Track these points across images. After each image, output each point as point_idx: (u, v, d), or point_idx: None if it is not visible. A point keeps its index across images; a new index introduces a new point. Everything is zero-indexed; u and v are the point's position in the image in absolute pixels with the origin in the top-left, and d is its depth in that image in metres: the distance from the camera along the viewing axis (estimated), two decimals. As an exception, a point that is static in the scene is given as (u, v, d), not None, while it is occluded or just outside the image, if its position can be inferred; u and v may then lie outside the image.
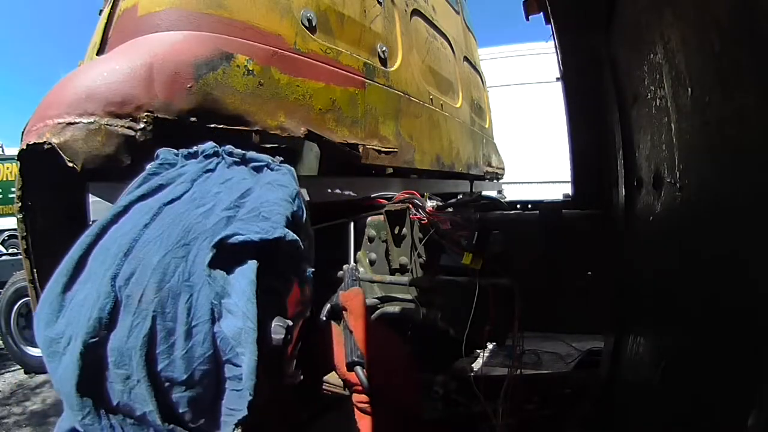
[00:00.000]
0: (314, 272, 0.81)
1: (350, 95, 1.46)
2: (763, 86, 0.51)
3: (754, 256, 0.54)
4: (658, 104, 0.88)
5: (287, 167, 0.84)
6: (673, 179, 0.81)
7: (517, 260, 1.24)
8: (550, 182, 6.25)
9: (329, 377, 1.38)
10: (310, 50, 1.30)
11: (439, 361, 1.48)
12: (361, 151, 1.48)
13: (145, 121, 0.90)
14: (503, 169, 3.85)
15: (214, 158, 0.80)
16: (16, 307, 4.35)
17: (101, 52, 1.10)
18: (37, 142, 0.83)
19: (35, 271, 0.91)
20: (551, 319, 1.39)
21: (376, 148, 1.59)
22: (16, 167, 0.94)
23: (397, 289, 1.45)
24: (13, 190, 5.51)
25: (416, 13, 2.18)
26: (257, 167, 0.82)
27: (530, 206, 1.62)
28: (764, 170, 0.51)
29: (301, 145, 1.25)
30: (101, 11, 1.26)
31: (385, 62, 1.74)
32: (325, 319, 1.24)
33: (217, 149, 0.82)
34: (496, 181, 3.70)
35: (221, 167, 0.79)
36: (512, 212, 1.56)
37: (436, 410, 1.35)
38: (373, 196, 1.61)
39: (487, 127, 3.54)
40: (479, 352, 2.71)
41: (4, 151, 9.32)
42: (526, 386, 1.38)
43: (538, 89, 7.04)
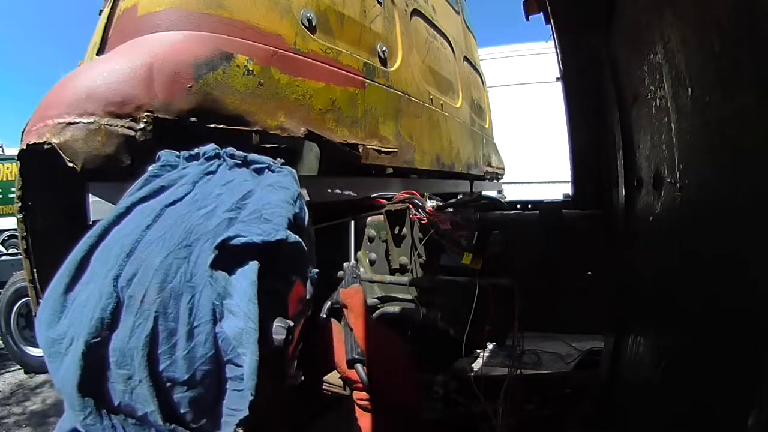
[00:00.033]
0: (316, 272, 0.81)
1: (350, 95, 1.46)
2: (763, 86, 0.51)
3: (754, 256, 0.55)
4: (658, 104, 0.88)
5: (288, 169, 0.84)
6: (673, 179, 0.81)
7: (517, 260, 1.24)
8: (550, 182, 6.25)
9: (329, 377, 1.38)
10: (310, 50, 1.30)
11: (439, 361, 1.48)
12: (361, 151, 1.48)
13: (145, 121, 0.90)
14: (503, 169, 3.85)
15: (215, 160, 0.80)
16: (16, 307, 4.35)
17: (101, 52, 1.10)
18: (37, 142, 0.83)
19: (35, 271, 0.91)
20: (551, 319, 1.39)
21: (376, 148, 1.59)
22: (16, 167, 0.94)
23: (397, 289, 1.45)
24: (13, 190, 5.51)
25: (416, 13, 2.18)
26: (258, 169, 0.82)
27: (530, 206, 1.61)
28: (764, 170, 0.51)
29: (301, 145, 1.25)
30: (101, 11, 1.26)
31: (385, 62, 1.74)
32: (325, 316, 1.25)
33: (218, 151, 0.82)
34: (496, 181, 3.70)
35: (223, 169, 0.79)
36: (512, 212, 1.56)
37: (436, 410, 1.35)
38: (373, 196, 1.61)
39: (487, 127, 3.55)
40: (479, 352, 2.71)
41: (4, 151, 9.30)
42: (526, 386, 1.38)
43: (538, 89, 7.05)
